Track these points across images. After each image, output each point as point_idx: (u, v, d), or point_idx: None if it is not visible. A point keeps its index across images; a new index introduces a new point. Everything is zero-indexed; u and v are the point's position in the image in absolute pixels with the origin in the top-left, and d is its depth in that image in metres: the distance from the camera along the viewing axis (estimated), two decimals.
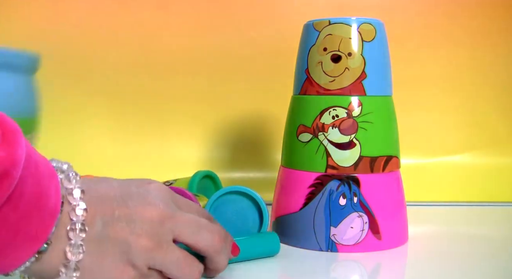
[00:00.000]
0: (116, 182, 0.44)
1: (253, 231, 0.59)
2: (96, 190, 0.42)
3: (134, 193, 0.43)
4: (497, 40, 0.92)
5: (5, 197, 0.34)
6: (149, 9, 0.92)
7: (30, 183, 0.36)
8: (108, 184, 0.43)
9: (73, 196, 0.39)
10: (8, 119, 0.36)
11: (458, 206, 0.85)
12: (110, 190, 0.43)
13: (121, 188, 0.43)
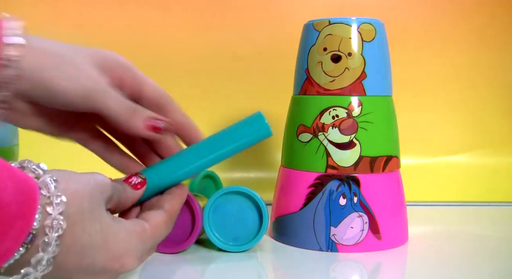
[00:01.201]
0: None
1: (253, 231, 0.59)
2: None
3: None
4: (497, 40, 0.92)
5: None
6: (149, 9, 0.92)
7: None
8: None
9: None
10: None
11: (458, 206, 0.85)
12: None
13: None
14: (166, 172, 0.46)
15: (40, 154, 0.88)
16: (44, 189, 0.35)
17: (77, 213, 0.36)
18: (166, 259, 0.56)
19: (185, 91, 0.92)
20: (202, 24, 0.91)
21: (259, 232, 0.58)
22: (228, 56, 0.91)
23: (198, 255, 0.58)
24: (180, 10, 0.92)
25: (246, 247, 0.58)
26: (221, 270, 0.54)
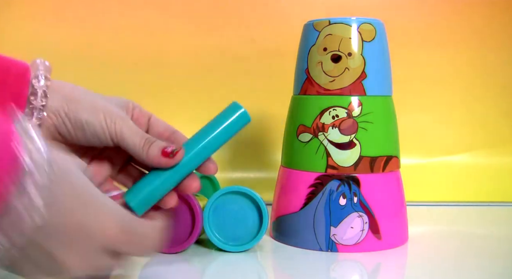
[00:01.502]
0: None
1: (253, 231, 0.59)
2: None
3: None
4: (497, 40, 0.92)
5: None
6: (149, 9, 0.92)
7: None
8: None
9: None
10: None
11: (458, 206, 0.85)
12: None
13: None
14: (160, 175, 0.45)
15: None
16: None
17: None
18: (166, 259, 0.56)
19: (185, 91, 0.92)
20: (202, 24, 0.91)
21: (259, 232, 0.58)
22: (228, 56, 0.91)
23: (198, 255, 0.58)
24: (180, 11, 0.91)
25: (246, 247, 0.58)
26: (221, 270, 0.54)
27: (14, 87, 0.44)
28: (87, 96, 0.46)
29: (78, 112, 0.45)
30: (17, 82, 0.44)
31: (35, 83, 0.45)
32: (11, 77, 0.44)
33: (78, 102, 0.45)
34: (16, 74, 0.44)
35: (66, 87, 0.46)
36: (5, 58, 0.45)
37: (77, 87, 0.47)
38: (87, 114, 0.45)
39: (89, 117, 0.45)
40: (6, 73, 0.44)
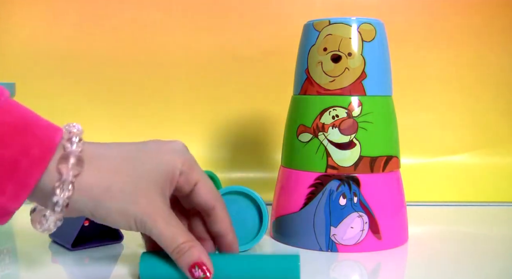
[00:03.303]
0: None
1: (252, 231, 0.59)
2: None
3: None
4: (497, 40, 0.92)
5: None
6: (149, 9, 0.92)
7: None
8: None
9: None
10: None
11: (458, 206, 0.85)
12: None
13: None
14: None
15: None
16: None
17: None
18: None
19: (185, 91, 0.92)
20: (202, 24, 0.91)
21: (259, 232, 0.58)
22: (228, 56, 0.91)
23: None
24: (180, 11, 0.92)
25: (246, 247, 0.58)
26: None
27: (20, 175, 0.40)
28: (116, 198, 0.42)
29: (107, 217, 0.42)
30: (29, 168, 0.40)
31: (57, 192, 0.41)
32: (25, 163, 0.39)
33: (106, 208, 0.42)
34: (33, 158, 0.40)
35: (93, 187, 0.42)
36: (33, 129, 0.40)
37: (105, 183, 0.42)
38: (115, 218, 0.42)
39: (117, 221, 0.43)
40: (24, 153, 0.39)
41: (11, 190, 0.39)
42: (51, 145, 0.40)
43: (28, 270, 0.55)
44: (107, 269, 0.55)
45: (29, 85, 0.83)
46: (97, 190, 0.42)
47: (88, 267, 0.55)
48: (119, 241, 0.62)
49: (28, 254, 0.59)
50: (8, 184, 0.39)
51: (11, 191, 0.39)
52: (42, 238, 0.64)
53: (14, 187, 0.39)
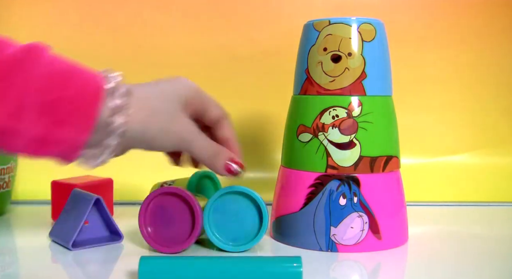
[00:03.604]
0: None
1: (252, 231, 0.59)
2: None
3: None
4: (497, 40, 0.92)
5: None
6: (150, 9, 0.92)
7: None
8: None
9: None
10: None
11: (458, 206, 0.85)
12: None
13: None
14: None
15: None
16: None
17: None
18: None
19: None
20: (202, 24, 0.91)
21: (259, 233, 0.58)
22: (228, 56, 0.91)
23: (198, 255, 0.58)
24: (180, 10, 0.91)
25: (246, 247, 0.58)
26: None
27: (86, 106, 0.45)
28: (159, 121, 0.49)
29: (154, 139, 0.49)
30: (91, 101, 0.45)
31: (113, 120, 0.46)
32: (86, 96, 0.45)
33: (153, 129, 0.49)
34: (91, 93, 0.45)
35: (140, 113, 0.48)
36: (81, 73, 0.46)
37: (147, 110, 0.49)
38: (161, 139, 0.50)
39: (163, 141, 0.50)
40: (83, 91, 0.45)
41: (80, 123, 0.45)
42: (101, 82, 0.46)
43: (28, 270, 0.55)
44: (107, 269, 0.56)
45: None
46: (144, 114, 0.48)
47: (88, 267, 0.55)
48: (119, 241, 0.62)
49: (28, 254, 0.60)
50: (77, 118, 0.45)
51: (81, 124, 0.45)
52: (42, 238, 0.64)
53: (82, 119, 0.45)
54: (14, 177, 0.77)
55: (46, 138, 0.44)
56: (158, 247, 0.58)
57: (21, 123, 0.43)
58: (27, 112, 0.43)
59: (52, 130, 0.44)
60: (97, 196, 0.60)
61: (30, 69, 0.43)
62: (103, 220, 0.63)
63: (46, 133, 0.44)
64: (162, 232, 0.59)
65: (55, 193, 0.71)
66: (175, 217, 0.58)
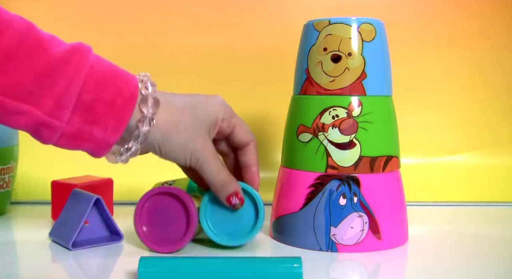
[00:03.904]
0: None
1: (248, 226, 0.58)
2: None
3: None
4: (497, 40, 0.92)
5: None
6: (150, 9, 0.92)
7: None
8: None
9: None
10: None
11: (458, 206, 0.85)
12: None
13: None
14: None
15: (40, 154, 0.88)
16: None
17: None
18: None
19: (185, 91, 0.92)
20: (202, 24, 0.91)
21: (254, 228, 0.58)
22: (228, 56, 0.91)
23: (198, 255, 0.58)
24: (180, 10, 0.91)
25: (240, 241, 0.58)
26: None
27: (118, 112, 0.48)
28: (180, 136, 0.52)
29: (170, 151, 0.52)
30: (122, 108, 0.49)
31: (140, 127, 0.50)
32: (119, 102, 0.48)
33: (172, 142, 0.52)
34: (124, 99, 0.49)
35: (162, 127, 0.51)
36: (119, 76, 0.49)
37: (172, 123, 0.52)
38: (176, 153, 0.53)
39: (178, 155, 0.53)
40: (118, 95, 0.48)
41: (112, 125, 0.48)
42: (135, 88, 0.50)
43: (28, 270, 0.55)
44: (107, 269, 0.56)
45: None
46: (167, 126, 0.52)
47: (88, 267, 0.55)
48: (119, 241, 0.62)
49: (28, 254, 0.59)
50: (109, 120, 0.48)
51: (112, 126, 0.48)
52: (42, 238, 0.64)
53: (114, 122, 0.48)
54: (14, 177, 0.77)
55: (78, 135, 0.48)
56: (153, 246, 0.58)
57: (59, 119, 0.46)
58: (66, 109, 0.46)
59: (85, 128, 0.47)
60: (97, 196, 0.60)
61: (74, 69, 0.46)
62: (103, 220, 0.63)
63: (79, 131, 0.47)
64: (157, 231, 0.59)
65: (55, 193, 0.71)
66: (170, 217, 0.58)
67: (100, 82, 0.48)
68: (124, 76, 0.50)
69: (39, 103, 0.45)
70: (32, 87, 0.45)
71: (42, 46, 0.46)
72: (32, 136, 0.48)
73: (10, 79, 0.44)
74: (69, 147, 0.49)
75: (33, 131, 0.47)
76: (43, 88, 0.45)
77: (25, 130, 0.47)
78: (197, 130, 0.53)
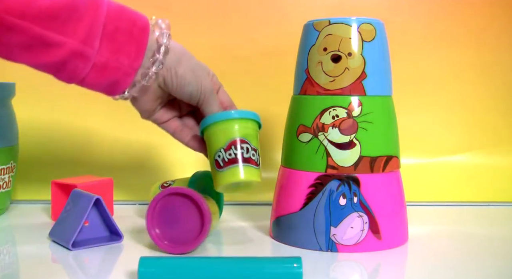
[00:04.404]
0: None
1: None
2: None
3: None
4: (497, 40, 0.92)
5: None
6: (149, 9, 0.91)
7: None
8: None
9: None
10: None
11: (458, 206, 0.85)
12: None
13: None
14: None
15: (40, 155, 0.88)
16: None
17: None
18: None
19: None
20: (202, 24, 0.91)
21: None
22: (228, 56, 0.91)
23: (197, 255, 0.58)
24: (180, 10, 0.91)
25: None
26: None
27: (136, 39, 0.54)
28: (191, 61, 0.58)
29: (185, 73, 0.57)
30: (139, 34, 0.54)
31: (160, 39, 0.55)
32: (136, 30, 0.54)
33: (186, 66, 0.57)
34: (139, 27, 0.54)
35: (177, 49, 0.57)
36: (131, 11, 0.55)
37: (184, 50, 0.58)
38: (190, 77, 0.57)
39: (191, 79, 0.57)
40: (132, 25, 0.54)
41: (134, 51, 0.54)
42: (146, 18, 0.55)
43: (28, 270, 0.55)
44: (107, 269, 0.56)
45: (29, 85, 0.83)
46: (180, 49, 0.58)
47: (88, 267, 0.55)
48: (119, 241, 0.62)
49: (28, 254, 0.60)
50: (131, 47, 0.54)
51: (134, 52, 0.54)
52: (42, 238, 0.64)
53: (135, 47, 0.54)
54: (14, 177, 0.77)
55: (108, 64, 0.53)
56: (166, 248, 0.58)
57: (91, 48, 0.51)
58: (95, 40, 0.51)
59: (112, 56, 0.53)
60: (97, 196, 0.60)
61: (95, 5, 0.51)
62: (103, 220, 0.63)
63: (108, 59, 0.53)
64: (170, 232, 0.58)
65: (55, 193, 0.71)
66: (183, 218, 0.58)
67: (117, 16, 0.53)
68: (134, 11, 0.55)
69: (74, 33, 0.50)
70: (66, 20, 0.49)
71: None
72: (58, 76, 0.53)
73: (47, 12, 0.48)
74: (96, 80, 0.53)
75: (63, 67, 0.51)
76: (74, 20, 0.50)
77: (54, 67, 0.51)
78: (202, 67, 0.60)
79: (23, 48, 0.49)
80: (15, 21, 0.47)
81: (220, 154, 0.57)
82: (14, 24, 0.47)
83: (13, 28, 0.47)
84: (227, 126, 0.57)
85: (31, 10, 0.47)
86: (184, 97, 0.59)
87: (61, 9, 0.49)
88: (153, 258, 0.50)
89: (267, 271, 0.48)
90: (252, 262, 0.50)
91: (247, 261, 0.49)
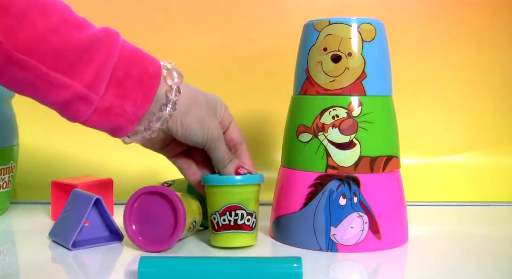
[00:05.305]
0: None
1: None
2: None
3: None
4: (497, 40, 0.92)
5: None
6: (150, 9, 0.92)
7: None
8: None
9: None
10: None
11: (458, 206, 0.85)
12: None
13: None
14: None
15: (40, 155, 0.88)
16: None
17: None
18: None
19: None
20: (202, 24, 0.91)
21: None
22: (228, 56, 0.91)
23: (197, 255, 0.58)
24: (180, 10, 0.91)
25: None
26: None
27: (145, 87, 0.53)
28: (200, 110, 0.57)
29: (191, 124, 0.56)
30: (149, 83, 0.53)
31: (169, 94, 0.54)
32: (146, 77, 0.53)
33: (194, 116, 0.56)
34: (150, 75, 0.54)
35: (188, 97, 0.56)
36: (144, 56, 0.54)
37: (194, 97, 0.57)
38: (196, 128, 0.56)
39: (197, 131, 0.56)
40: (144, 72, 0.53)
41: (140, 99, 0.53)
42: (159, 65, 0.55)
43: (28, 270, 0.55)
44: (107, 269, 0.56)
45: None
46: (189, 98, 0.56)
47: (88, 267, 0.55)
48: (119, 241, 0.62)
49: (28, 254, 0.60)
50: (138, 95, 0.53)
51: (140, 100, 0.53)
52: (42, 238, 0.64)
53: (142, 96, 0.53)
54: (14, 177, 0.77)
55: (111, 109, 0.52)
56: (141, 245, 0.58)
57: (96, 92, 0.50)
58: (102, 84, 0.50)
59: (117, 103, 0.52)
60: (97, 196, 0.60)
61: (108, 48, 0.50)
62: (103, 220, 0.63)
63: (112, 105, 0.52)
64: (146, 230, 0.59)
65: (55, 193, 0.71)
66: (159, 216, 0.59)
67: (130, 60, 0.52)
68: (149, 56, 0.55)
69: (80, 76, 0.49)
70: (74, 61, 0.49)
71: (80, 25, 0.51)
72: (61, 113, 0.52)
73: (55, 52, 0.48)
74: (98, 123, 0.53)
75: (66, 107, 0.51)
76: (83, 63, 0.49)
77: (58, 106, 0.51)
78: (210, 111, 0.58)
79: (27, 84, 0.49)
80: (22, 57, 0.47)
81: (215, 216, 0.59)
82: (20, 60, 0.47)
83: (19, 64, 0.47)
84: (224, 191, 0.59)
85: (40, 48, 0.47)
86: (189, 144, 0.58)
87: (71, 50, 0.48)
88: (153, 258, 0.50)
89: (267, 271, 0.48)
90: (252, 262, 0.50)
91: (247, 261, 0.49)
